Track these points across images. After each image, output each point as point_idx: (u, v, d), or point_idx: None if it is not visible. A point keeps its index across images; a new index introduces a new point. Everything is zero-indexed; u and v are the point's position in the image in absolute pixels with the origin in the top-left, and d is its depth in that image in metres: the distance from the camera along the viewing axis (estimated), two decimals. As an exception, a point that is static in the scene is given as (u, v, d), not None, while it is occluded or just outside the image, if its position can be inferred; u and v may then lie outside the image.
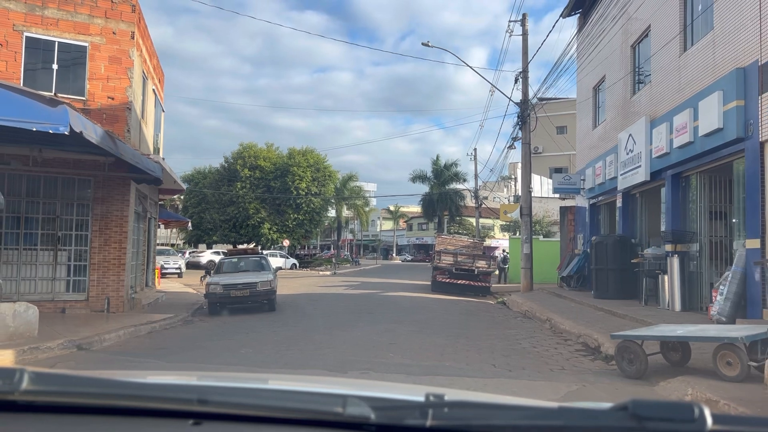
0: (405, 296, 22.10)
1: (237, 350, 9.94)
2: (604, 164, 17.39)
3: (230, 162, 51.54)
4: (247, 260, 17.83)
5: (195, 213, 51.92)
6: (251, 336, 11.70)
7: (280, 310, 16.48)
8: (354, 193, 63.86)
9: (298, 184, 48.56)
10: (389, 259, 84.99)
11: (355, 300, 20.15)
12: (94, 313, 13.98)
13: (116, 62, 14.57)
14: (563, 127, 46.06)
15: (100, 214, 14.45)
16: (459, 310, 17.24)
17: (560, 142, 46.02)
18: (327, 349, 9.76)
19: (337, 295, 22.26)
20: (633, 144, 14.59)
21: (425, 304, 19.24)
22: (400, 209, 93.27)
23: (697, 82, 11.72)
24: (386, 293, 23.48)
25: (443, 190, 65.80)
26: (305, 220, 49.89)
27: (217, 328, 13.28)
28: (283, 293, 22.45)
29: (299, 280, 32.87)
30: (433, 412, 1.07)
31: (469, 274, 23.40)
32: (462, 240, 29.22)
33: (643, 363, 7.19)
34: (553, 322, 12.93)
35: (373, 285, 28.23)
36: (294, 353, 9.57)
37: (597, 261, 15.88)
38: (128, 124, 14.65)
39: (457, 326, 13.18)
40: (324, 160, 51.44)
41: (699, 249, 12.26)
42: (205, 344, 10.69)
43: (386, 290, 24.76)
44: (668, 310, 12.57)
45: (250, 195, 49.07)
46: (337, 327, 12.80)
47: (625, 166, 15.22)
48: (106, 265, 14.42)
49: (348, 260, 63.85)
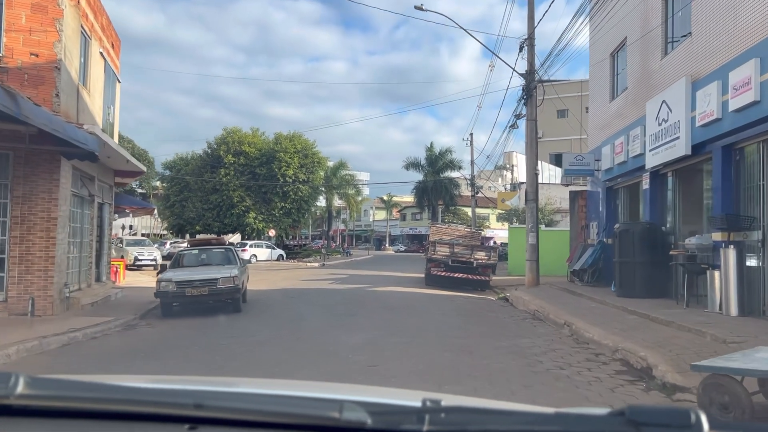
0: (396, 292, 19.64)
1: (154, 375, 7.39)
2: (627, 140, 14.92)
3: (214, 148, 48.83)
4: (210, 252, 15.29)
5: (177, 201, 49.28)
6: (190, 352, 9.21)
7: (246, 311, 14.00)
8: (344, 182, 61.12)
9: (284, 171, 45.89)
10: (382, 250, 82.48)
11: (338, 297, 17.67)
12: (13, 317, 11.43)
13: (41, 11, 11.94)
14: (564, 110, 43.57)
15: (21, 197, 11.87)
16: (457, 310, 14.79)
17: (561, 127, 43.60)
18: (278, 376, 7.23)
19: (320, 291, 19.78)
20: (667, 113, 12.11)
21: (418, 301, 16.78)
22: (393, 199, 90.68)
23: (765, 23, 9.21)
24: (375, 288, 21.02)
25: (437, 179, 63.19)
26: (293, 209, 47.29)
27: (157, 337, 10.77)
28: (260, 289, 19.99)
29: (283, 273, 30.37)
30: (430, 417, 1.07)
31: (467, 266, 20.94)
32: (458, 229, 26.76)
33: (745, 410, 4.73)
34: (574, 328, 10.49)
35: (362, 279, 25.77)
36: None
37: (621, 252, 13.41)
38: (57, 88, 12.03)
39: (456, 334, 10.72)
40: (312, 146, 48.77)
41: (762, 238, 9.79)
42: (119, 366, 8.13)
43: (376, 284, 22.30)
44: (721, 314, 10.13)
45: (234, 182, 46.41)
46: (306, 337, 10.33)
47: (655, 140, 12.74)
48: (29, 258, 11.86)
49: (339, 251, 61.28)
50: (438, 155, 64.15)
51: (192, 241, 17.51)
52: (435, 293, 19.28)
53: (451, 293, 19.34)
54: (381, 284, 22.59)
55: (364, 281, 24.12)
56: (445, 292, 19.48)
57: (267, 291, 19.52)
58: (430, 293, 19.25)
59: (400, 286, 21.90)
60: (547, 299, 15.05)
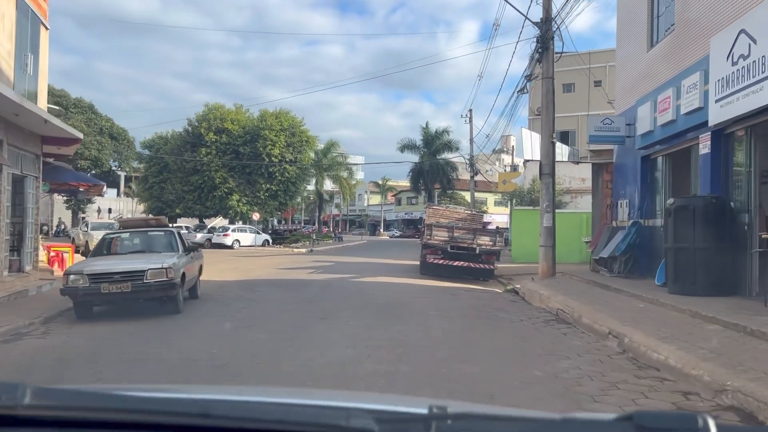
0: (385, 283, 16.50)
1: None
2: (676, 93, 11.69)
3: (195, 125, 45.39)
4: (145, 236, 12.06)
5: (156, 183, 45.92)
6: (61, 381, 6.02)
7: (189, 312, 10.82)
8: (336, 163, 57.68)
9: (270, 150, 42.50)
10: (377, 235, 79.27)
11: (312, 292, 14.50)
12: None
13: None
14: (570, 84, 40.25)
15: None
16: (460, 311, 11.65)
17: (567, 102, 40.28)
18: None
19: (294, 283, 16.62)
20: (748, 46, 8.92)
21: (411, 297, 13.64)
22: (389, 183, 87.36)
23: None
24: (361, 279, 17.85)
25: (434, 161, 59.82)
26: (279, 191, 43.96)
27: (37, 355, 7.59)
28: (226, 279, 16.87)
29: (263, 260, 27.21)
30: (437, 424, 1.06)
31: (469, 253, 17.80)
32: (457, 211, 23.59)
33: None
34: (629, 343, 7.36)
35: (349, 267, 22.63)
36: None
37: (677, 236, 10.20)
38: None
39: (463, 354, 7.57)
40: (300, 124, 45.34)
41: None
42: None
43: (363, 274, 19.15)
44: None
45: (216, 162, 43.04)
46: (239, 362, 7.14)
47: (726, 86, 9.54)
48: None
49: (330, 236, 58.07)
50: (435, 135, 60.77)
51: (123, 222, 14.21)
52: (431, 285, 16.15)
53: (449, 284, 16.23)
54: (369, 273, 19.44)
55: (350, 270, 20.98)
56: (443, 284, 16.36)
57: (233, 282, 16.36)
58: (426, 285, 16.12)
59: (391, 275, 18.76)
60: (571, 294, 11.92)
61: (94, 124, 51.85)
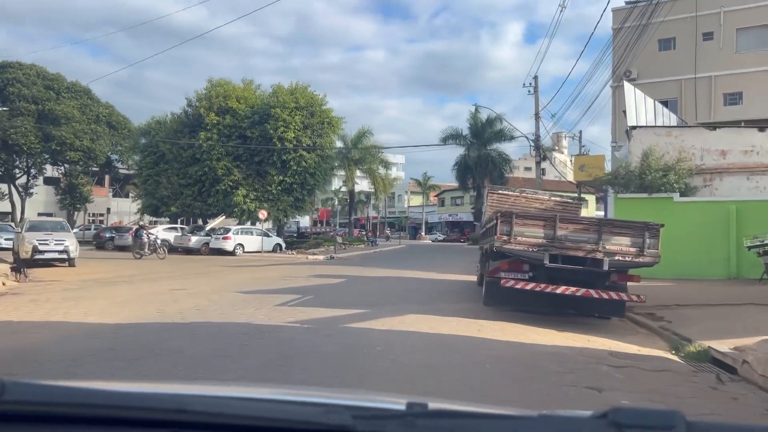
0: (416, 336, 7.81)
1: None
2: None
3: (195, 106, 37.59)
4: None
5: (150, 176, 38.29)
6: None
7: None
8: (369, 154, 48.99)
9: (282, 132, 34.25)
10: (418, 239, 70.45)
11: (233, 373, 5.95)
12: None
13: None
14: (669, 40, 30.69)
15: None
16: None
17: (665, 63, 30.76)
18: None
19: (216, 339, 7.95)
20: None
21: (479, 383, 4.92)
22: (430, 182, 78.39)
23: None
24: (374, 321, 9.11)
25: (483, 152, 50.65)
26: (295, 184, 35.64)
27: None
28: (93, 322, 8.53)
29: (249, 273, 18.94)
30: (415, 421, 1.06)
31: (588, 270, 8.96)
32: (539, 199, 14.77)
33: None
34: None
35: (365, 288, 14.16)
36: None
37: None
38: None
39: None
40: (322, 102, 36.95)
41: None
42: None
43: (381, 306, 10.56)
44: None
45: (218, 149, 35.09)
46: None
47: None
48: None
49: (362, 240, 49.61)
50: (485, 123, 51.64)
51: None
52: (515, 339, 7.43)
53: (546, 333, 7.51)
54: (393, 302, 10.87)
55: (363, 294, 12.47)
56: (537, 334, 7.66)
57: (87, 333, 7.89)
58: (506, 341, 7.39)
59: (430, 307, 10.16)
60: None
61: (90, 110, 44.75)
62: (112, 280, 15.94)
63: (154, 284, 14.64)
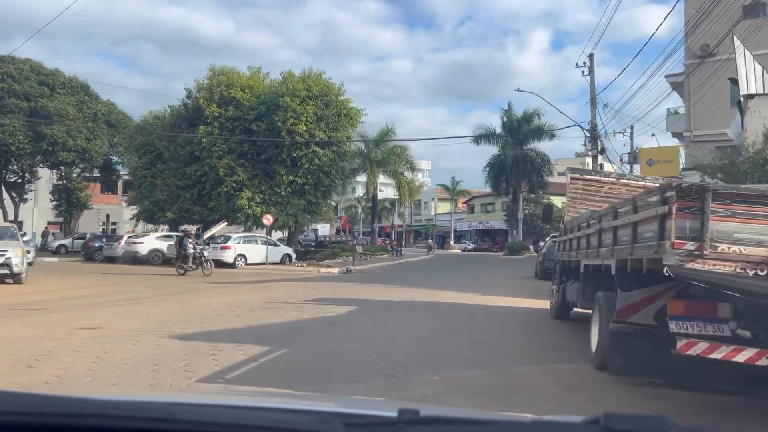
0: None
1: None
2: None
3: (195, 97, 33.14)
4: None
5: (146, 177, 33.87)
6: None
7: None
8: (393, 154, 43.88)
9: (292, 125, 29.49)
10: (446, 248, 65.10)
11: None
12: None
13: None
14: (764, 3, 25.19)
15: None
16: None
17: (754, 33, 25.25)
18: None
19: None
20: None
21: None
22: (458, 186, 72.93)
23: None
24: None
25: (520, 152, 45.25)
26: (307, 185, 30.80)
27: None
28: None
29: (228, 295, 14.11)
30: (406, 428, 1.05)
31: None
32: (647, 187, 9.59)
33: None
34: None
35: (371, 334, 9.24)
36: None
37: None
38: None
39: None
40: (338, 91, 32.15)
41: None
42: None
43: (395, 384, 5.60)
44: None
45: (220, 146, 30.49)
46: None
47: None
48: None
49: (386, 249, 44.62)
50: (521, 120, 46.33)
51: None
52: None
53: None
54: (422, 384, 5.87)
55: (368, 358, 7.56)
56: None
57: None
58: None
59: (502, 391, 5.13)
60: None
61: (87, 108, 40.54)
62: (30, 306, 11.22)
63: (65, 315, 9.87)
